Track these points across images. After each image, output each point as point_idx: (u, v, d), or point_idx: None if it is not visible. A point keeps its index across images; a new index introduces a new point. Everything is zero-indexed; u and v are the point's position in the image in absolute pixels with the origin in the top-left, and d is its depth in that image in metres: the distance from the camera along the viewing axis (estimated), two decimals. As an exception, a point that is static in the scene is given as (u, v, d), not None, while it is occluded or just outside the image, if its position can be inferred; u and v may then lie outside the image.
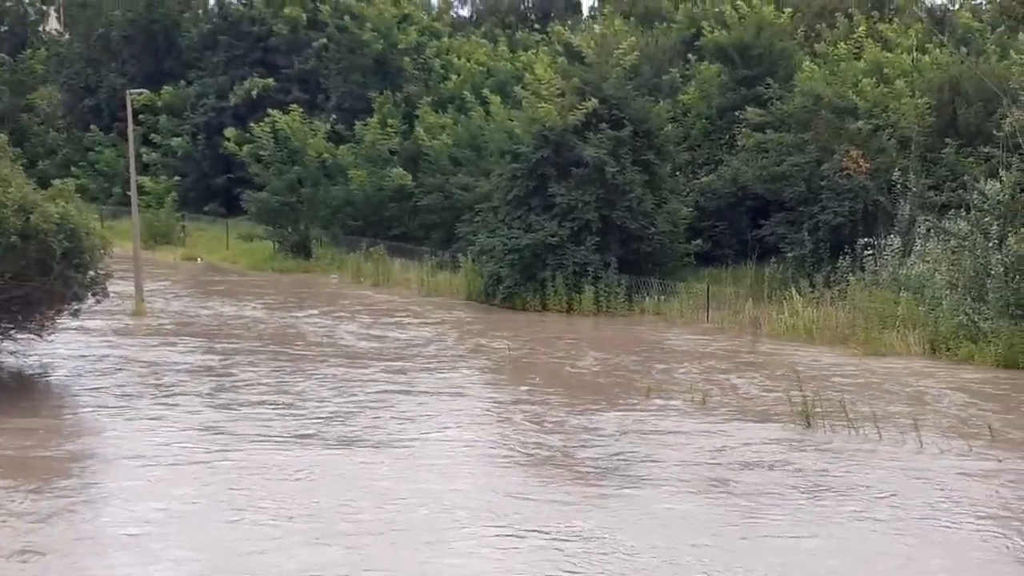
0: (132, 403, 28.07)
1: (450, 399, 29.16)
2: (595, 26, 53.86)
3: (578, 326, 38.50)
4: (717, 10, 55.37)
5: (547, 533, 19.36)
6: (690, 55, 52.49)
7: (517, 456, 24.73)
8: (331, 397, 29.00)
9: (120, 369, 31.53)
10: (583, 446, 24.94)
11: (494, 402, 29.37)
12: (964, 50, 48.20)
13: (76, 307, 30.57)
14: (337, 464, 23.41)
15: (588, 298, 40.01)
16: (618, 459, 23.94)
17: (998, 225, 34.92)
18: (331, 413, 27.39)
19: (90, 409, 27.92)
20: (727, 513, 20.68)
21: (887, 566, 18.17)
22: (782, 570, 18.04)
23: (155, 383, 30.06)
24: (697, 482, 22.42)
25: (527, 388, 30.31)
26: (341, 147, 51.51)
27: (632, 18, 57.23)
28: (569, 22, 63.69)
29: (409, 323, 39.22)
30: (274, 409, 27.62)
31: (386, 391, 29.78)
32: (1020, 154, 35.33)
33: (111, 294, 32.12)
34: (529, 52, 56.38)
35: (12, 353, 31.42)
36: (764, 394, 29.02)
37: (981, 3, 58.18)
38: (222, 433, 25.67)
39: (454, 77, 55.50)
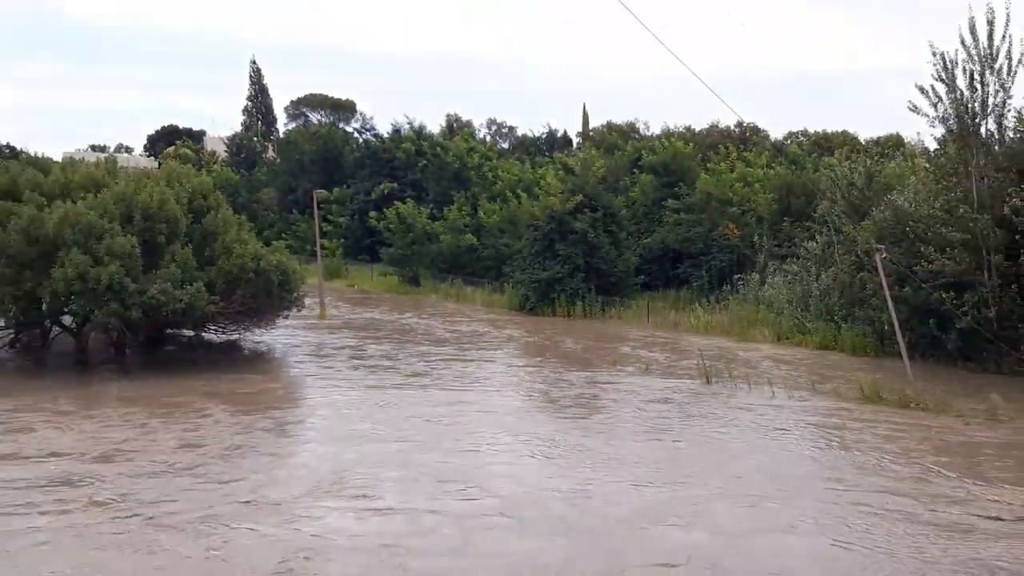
0: (314, 365, 28.65)
1: (488, 364, 29.49)
2: (580, 153, 54.17)
3: (572, 325, 38.49)
4: (650, 144, 55.75)
5: (524, 435, 20.01)
6: (635, 170, 53.11)
7: (521, 394, 25.21)
8: (417, 361, 29.30)
9: (310, 348, 31.87)
10: (562, 390, 25.24)
11: (513, 366, 29.62)
12: (793, 166, 48.89)
13: (286, 313, 31.14)
14: (415, 396, 24.03)
15: (579, 309, 40.51)
16: (582, 399, 24.29)
17: (815, 267, 35.59)
18: (416, 371, 27.79)
19: (292, 370, 28.46)
20: (639, 427, 21.10)
21: (727, 456, 18.54)
22: (663, 456, 18.48)
23: (327, 355, 30.46)
24: (628, 411, 22.76)
25: (538, 359, 30.64)
26: (436, 223, 51.95)
27: (601, 148, 57.85)
28: (566, 151, 64.21)
29: (472, 322, 39.27)
30: (386, 368, 28.07)
31: (452, 358, 30.11)
32: (827, 226, 35.63)
33: (306, 306, 32.62)
34: (542, 168, 56.71)
35: (251, 340, 32.08)
36: (681, 363, 29.26)
37: (803, 140, 58.45)
38: (353, 380, 26.26)
39: (500, 182, 55.91)
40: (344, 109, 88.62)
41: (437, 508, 14.77)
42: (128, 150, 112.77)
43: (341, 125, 79.08)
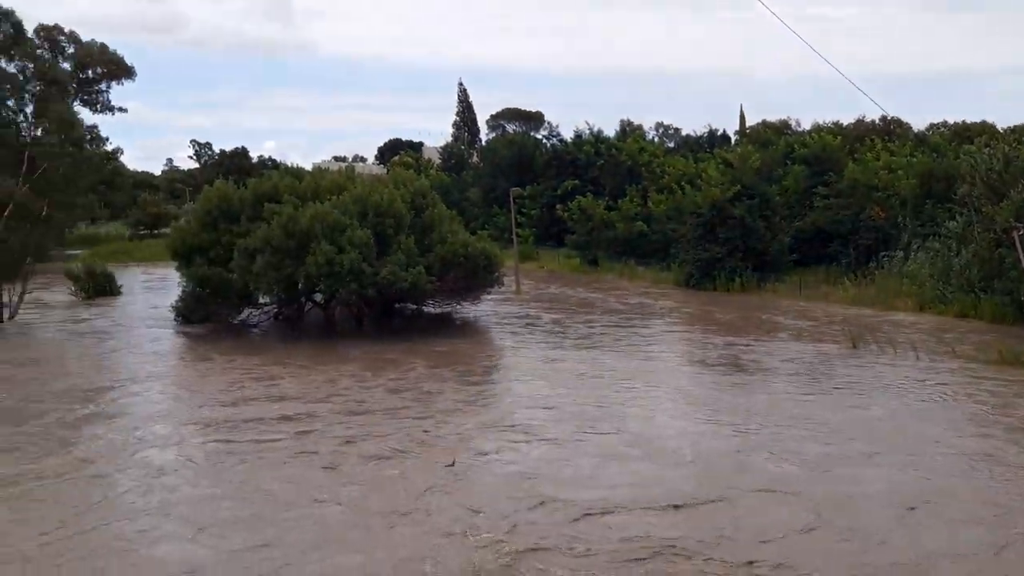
0: (508, 331, 29.45)
1: (646, 329, 29.47)
2: (738, 148, 52.90)
3: (730, 299, 37.91)
4: (801, 139, 53.95)
5: (663, 386, 20.32)
6: (787, 162, 51.09)
7: (670, 354, 25.27)
8: (586, 327, 29.70)
9: (507, 317, 32.68)
10: (707, 351, 25.17)
11: (668, 331, 29.57)
12: (935, 154, 46.19)
13: (489, 290, 32.04)
14: (582, 354, 24.60)
15: (737, 285, 39.66)
16: (724, 358, 24.05)
17: (956, 244, 33.77)
18: (585, 334, 28.25)
19: (491, 334, 29.43)
20: (774, 383, 20.87)
21: (847, 408, 18.04)
22: (787, 407, 18.13)
23: (519, 323, 31.20)
24: (767, 370, 22.46)
25: (693, 326, 30.61)
26: (611, 212, 51.99)
27: (756, 143, 56.14)
28: (725, 147, 62.86)
29: (640, 296, 39.15)
30: (563, 333, 28.62)
31: (617, 325, 30.31)
32: (967, 208, 33.84)
33: (504, 284, 33.53)
34: (704, 163, 55.53)
35: (461, 312, 32.98)
36: (828, 330, 28.46)
37: (943, 131, 55.21)
38: (536, 342, 26.86)
39: (666, 176, 55.27)
40: (534, 120, 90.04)
41: (576, 442, 15.62)
42: (362, 160, 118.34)
43: (532, 133, 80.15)
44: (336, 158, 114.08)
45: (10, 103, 32.36)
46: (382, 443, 15.61)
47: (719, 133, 75.88)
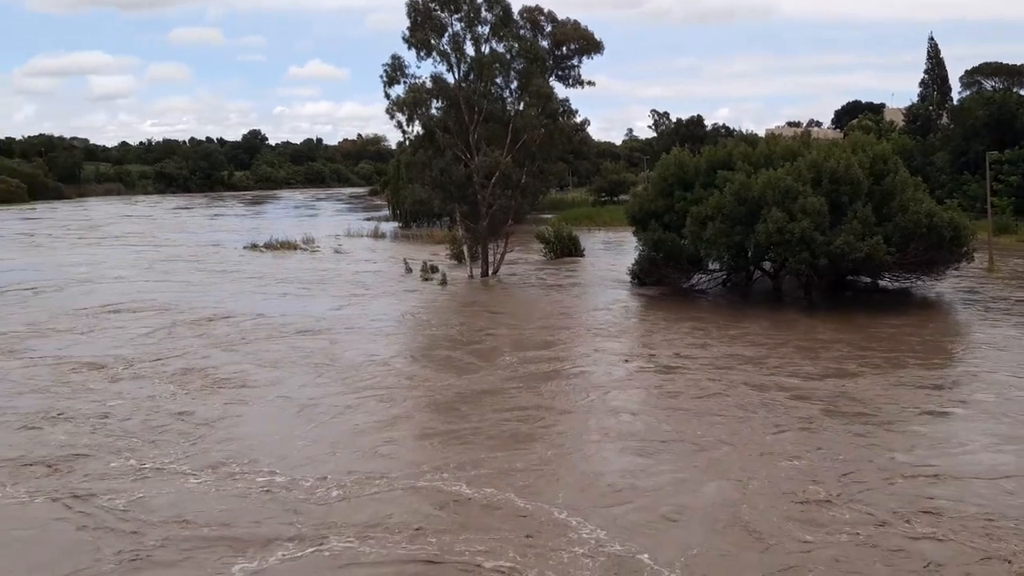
0: (976, 313, 25.79)
1: None
2: None
3: None
4: None
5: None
6: None
7: None
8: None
9: (976, 297, 28.37)
10: None
11: None
12: None
13: (956, 266, 28.70)
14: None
15: None
16: None
17: None
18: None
19: (950, 316, 26.30)
20: None
21: None
22: None
23: (989, 304, 26.96)
24: None
25: None
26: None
27: None
28: None
29: None
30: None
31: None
32: None
33: (975, 260, 29.75)
34: None
35: (920, 288, 29.77)
36: None
37: None
38: (989, 326, 23.70)
39: None
40: (1019, 74, 78.05)
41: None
42: (818, 124, 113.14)
43: (1015, 90, 69.37)
44: (790, 123, 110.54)
45: (499, 80, 35.73)
46: (758, 397, 16.52)
47: None
